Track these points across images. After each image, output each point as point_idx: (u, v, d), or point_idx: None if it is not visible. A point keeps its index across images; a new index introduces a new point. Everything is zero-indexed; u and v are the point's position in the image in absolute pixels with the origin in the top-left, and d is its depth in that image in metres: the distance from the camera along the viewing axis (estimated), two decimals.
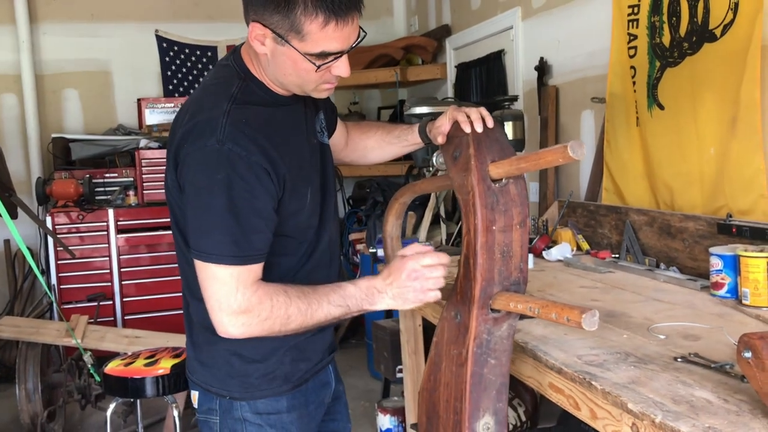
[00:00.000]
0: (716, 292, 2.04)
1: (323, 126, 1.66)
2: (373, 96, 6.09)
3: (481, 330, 1.44)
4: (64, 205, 4.72)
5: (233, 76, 1.48)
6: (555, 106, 3.54)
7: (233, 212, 1.35)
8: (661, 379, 1.40)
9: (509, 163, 1.42)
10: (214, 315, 1.39)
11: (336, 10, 1.33)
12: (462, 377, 1.44)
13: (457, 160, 1.50)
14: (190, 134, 1.40)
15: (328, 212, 1.61)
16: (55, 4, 5.30)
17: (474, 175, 1.43)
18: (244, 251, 1.37)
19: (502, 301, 1.42)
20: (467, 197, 1.44)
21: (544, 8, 3.65)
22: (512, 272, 1.46)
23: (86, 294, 4.60)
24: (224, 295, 1.37)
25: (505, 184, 1.45)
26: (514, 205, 1.45)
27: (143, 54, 5.46)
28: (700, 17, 2.46)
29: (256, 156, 1.37)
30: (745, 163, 2.29)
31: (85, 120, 5.41)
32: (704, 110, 2.46)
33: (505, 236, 1.44)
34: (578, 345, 1.65)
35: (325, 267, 1.61)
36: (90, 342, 3.52)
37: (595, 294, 2.16)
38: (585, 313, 1.24)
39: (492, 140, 1.49)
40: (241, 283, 1.37)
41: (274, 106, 1.49)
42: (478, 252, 1.41)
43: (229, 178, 1.35)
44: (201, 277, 1.40)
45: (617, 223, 2.78)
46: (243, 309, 1.37)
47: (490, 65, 4.35)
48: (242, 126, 1.38)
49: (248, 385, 1.53)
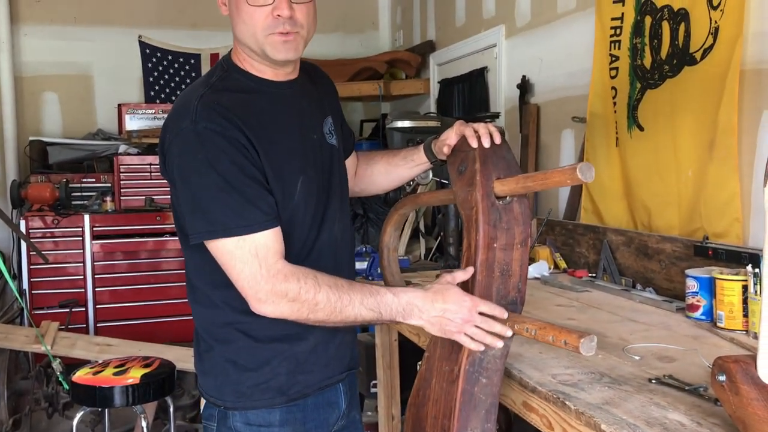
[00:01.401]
0: (692, 314, 2.04)
1: (332, 129, 1.64)
2: (356, 108, 6.09)
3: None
4: (40, 209, 4.66)
5: (216, 69, 1.52)
6: (536, 124, 3.55)
7: (226, 186, 1.35)
8: (635, 400, 1.39)
9: (515, 181, 1.41)
10: (245, 295, 1.38)
11: None
12: (452, 394, 1.42)
13: (462, 175, 1.48)
14: (168, 124, 1.43)
15: (332, 213, 1.57)
16: (38, 6, 5.25)
17: (478, 190, 1.41)
18: (250, 220, 1.36)
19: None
20: (470, 213, 1.43)
21: (528, 27, 3.67)
22: (510, 291, 1.44)
23: (59, 300, 4.53)
24: (249, 275, 1.36)
25: (509, 202, 1.44)
26: (517, 224, 1.44)
27: (125, 59, 5.42)
28: (681, 41, 2.49)
29: (231, 131, 1.38)
30: (721, 187, 2.31)
31: (65, 124, 5.35)
32: (683, 133, 2.48)
33: (506, 254, 1.42)
34: (553, 364, 1.64)
35: (327, 271, 1.50)
36: (60, 349, 3.46)
37: (572, 313, 2.16)
38: (583, 338, 1.22)
39: (499, 157, 1.47)
40: (261, 258, 1.36)
41: (258, 92, 1.49)
42: (477, 268, 1.40)
43: (210, 154, 1.36)
44: (220, 260, 1.38)
45: (595, 242, 2.79)
46: (270, 287, 1.35)
47: (473, 82, 4.36)
48: (214, 105, 1.40)
49: (240, 394, 1.50)
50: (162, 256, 4.77)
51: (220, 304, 1.47)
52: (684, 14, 2.47)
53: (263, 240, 1.37)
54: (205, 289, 1.49)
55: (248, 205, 1.36)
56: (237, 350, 1.47)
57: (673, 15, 2.52)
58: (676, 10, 2.51)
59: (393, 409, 2.87)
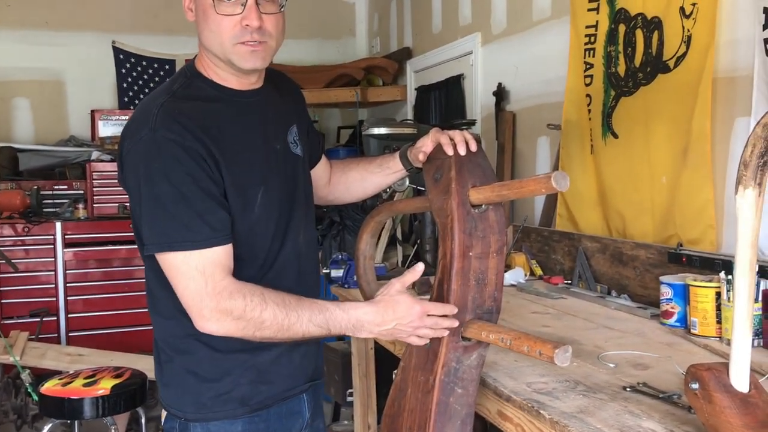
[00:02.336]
0: (666, 321, 2.05)
1: (297, 139, 1.62)
2: (333, 115, 6.08)
3: (451, 358, 1.41)
4: (10, 217, 4.57)
5: (179, 76, 1.50)
6: (512, 132, 3.56)
7: (178, 197, 1.32)
8: (610, 408, 1.38)
9: (491, 189, 1.40)
10: (189, 311, 1.35)
11: None
12: (427, 405, 1.41)
13: (437, 182, 1.47)
14: (126, 131, 1.41)
15: (296, 224, 1.55)
16: (8, 10, 5.17)
17: (454, 198, 1.40)
18: (200, 235, 1.33)
19: (474, 330, 1.39)
20: (445, 221, 1.41)
21: (504, 35, 3.68)
22: (486, 300, 1.43)
23: (29, 309, 4.44)
24: (194, 291, 1.33)
25: (485, 210, 1.43)
26: (492, 232, 1.43)
27: (99, 65, 5.35)
28: (654, 48, 2.50)
29: (190, 141, 1.35)
30: (695, 194, 2.32)
31: (36, 130, 5.27)
32: (657, 140, 2.50)
33: (481, 263, 1.41)
34: (528, 372, 1.63)
35: (291, 281, 1.52)
36: (29, 359, 3.40)
37: (547, 320, 2.15)
38: (557, 349, 1.21)
39: (474, 165, 1.47)
40: (208, 275, 1.33)
41: (219, 101, 1.47)
42: (452, 277, 1.38)
43: (166, 163, 1.33)
44: (168, 274, 1.36)
45: (570, 249, 2.79)
46: (214, 304, 1.33)
47: (450, 89, 4.37)
48: (175, 114, 1.37)
49: (201, 405, 1.47)
50: (136, 264, 4.68)
51: (180, 315, 1.43)
52: (657, 23, 2.49)
53: (211, 256, 1.34)
54: (166, 299, 1.46)
55: (198, 219, 1.34)
56: (198, 361, 1.45)
57: (646, 23, 2.54)
58: (649, 19, 2.53)
59: (369, 417, 2.85)
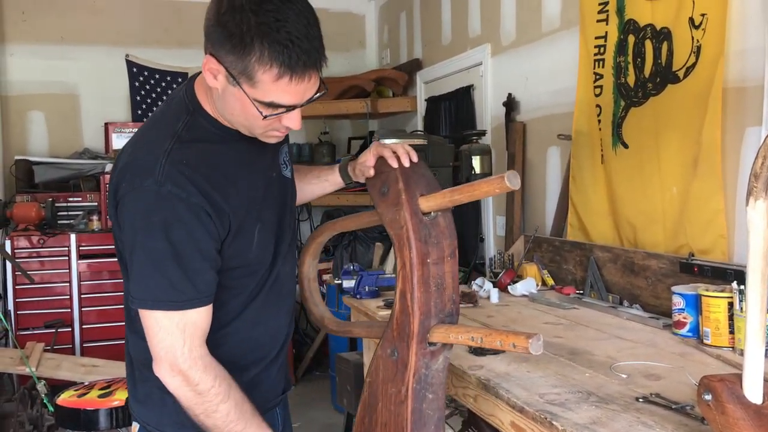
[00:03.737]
0: (678, 331, 2.05)
1: (287, 159, 1.62)
2: (343, 126, 6.11)
3: (420, 365, 1.42)
4: (25, 229, 4.62)
5: (181, 111, 1.42)
6: (522, 142, 3.57)
7: (173, 256, 1.30)
8: (622, 419, 1.39)
9: (442, 196, 1.43)
10: (156, 359, 1.34)
11: (293, 66, 1.26)
12: (402, 415, 1.42)
13: (385, 196, 1.50)
14: (128, 172, 1.35)
15: (283, 247, 1.56)
16: (24, 26, 5.24)
17: (406, 209, 1.43)
18: (185, 296, 1.32)
19: (440, 334, 1.41)
20: (400, 232, 1.44)
21: (513, 45, 3.70)
22: (446, 304, 1.46)
23: (44, 320, 4.48)
24: (169, 346, 1.32)
25: (435, 217, 1.46)
26: (444, 237, 1.47)
27: (112, 78, 5.41)
28: (664, 59, 2.52)
29: (196, 197, 1.32)
30: (706, 204, 2.33)
31: (51, 143, 5.33)
32: (667, 150, 2.50)
33: (438, 268, 1.44)
34: (540, 383, 1.63)
35: (273, 306, 1.54)
36: (45, 370, 3.42)
37: (559, 330, 2.16)
38: (531, 338, 1.24)
39: (419, 175, 1.50)
40: (188, 336, 1.33)
41: (224, 142, 1.43)
42: (415, 286, 1.41)
43: (167, 220, 1.30)
44: (145, 326, 1.35)
45: (582, 259, 2.80)
46: (186, 367, 1.33)
47: (460, 100, 4.39)
48: (182, 167, 1.32)
49: (180, 424, 1.45)
50: None
51: None
52: (667, 33, 2.50)
53: (193, 317, 1.34)
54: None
55: (186, 280, 1.31)
56: None
57: (656, 34, 2.55)
58: (658, 29, 2.54)
59: None
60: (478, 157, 3.32)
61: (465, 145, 3.36)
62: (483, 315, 2.42)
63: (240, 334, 1.50)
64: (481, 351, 1.89)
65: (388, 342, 1.47)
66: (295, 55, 1.25)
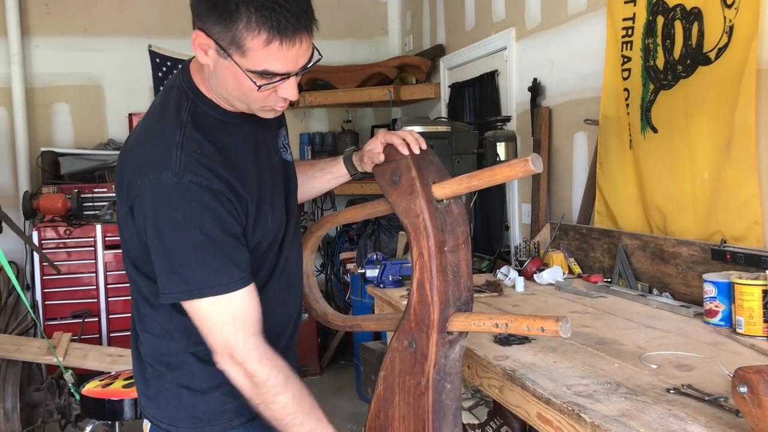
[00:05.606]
0: (710, 320, 2.00)
1: (286, 143, 1.58)
2: (366, 114, 6.07)
3: (440, 355, 1.40)
4: (52, 220, 4.66)
5: (181, 98, 1.38)
6: (548, 128, 3.51)
7: (209, 245, 1.27)
8: (653, 411, 1.35)
9: (458, 182, 1.41)
10: (217, 358, 1.33)
11: (281, 30, 1.21)
12: (423, 407, 1.40)
13: (397, 184, 1.47)
14: (141, 167, 1.31)
15: (290, 232, 1.52)
16: (48, 18, 5.27)
17: (421, 197, 1.41)
18: (232, 277, 1.30)
19: (460, 322, 1.39)
20: (416, 220, 1.41)
21: (538, 29, 3.63)
22: (462, 292, 1.44)
23: (71, 310, 4.53)
24: (224, 338, 1.31)
25: (447, 205, 1.44)
26: (458, 224, 1.45)
27: (135, 68, 5.42)
28: (694, 40, 2.44)
29: (217, 184, 1.29)
30: (739, 189, 2.26)
31: (76, 134, 5.37)
32: (698, 134, 2.43)
33: (454, 256, 1.42)
34: (567, 374, 1.60)
35: (282, 292, 1.51)
36: (72, 360, 3.45)
37: (587, 320, 2.12)
38: (560, 321, 1.22)
39: (428, 162, 1.48)
40: (240, 326, 1.30)
41: (226, 127, 1.40)
42: (434, 274, 1.38)
43: (194, 210, 1.26)
44: (196, 321, 1.32)
45: (609, 246, 2.74)
46: (242, 358, 1.31)
47: (484, 85, 4.33)
48: (197, 156, 1.29)
49: (196, 419, 1.43)
50: None
51: (175, 332, 1.41)
52: (697, 13, 2.42)
53: (240, 303, 1.31)
54: (156, 318, 1.43)
55: (229, 263, 1.30)
56: (190, 375, 1.41)
57: (685, 14, 2.48)
58: (688, 10, 2.46)
59: None
60: (503, 144, 3.27)
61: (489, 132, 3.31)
62: (508, 304, 2.39)
63: None
64: (507, 341, 1.86)
65: (404, 333, 1.44)
66: (283, 18, 1.21)
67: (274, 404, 1.33)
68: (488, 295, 2.54)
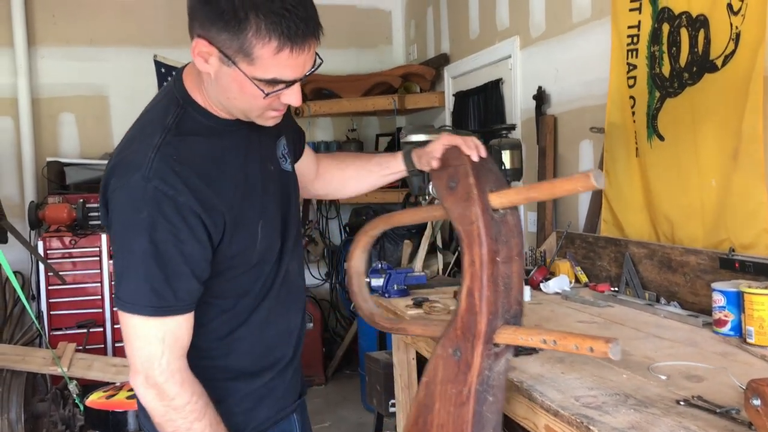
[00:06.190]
0: (719, 330, 1.97)
1: (285, 152, 1.54)
2: (371, 123, 6.07)
3: (484, 366, 1.38)
4: (57, 230, 4.66)
5: (171, 104, 1.35)
6: (553, 136, 3.49)
7: (155, 256, 1.24)
8: (663, 424, 1.32)
9: (516, 193, 1.39)
10: (133, 368, 1.30)
11: (292, 37, 1.19)
12: (463, 417, 1.38)
13: (453, 190, 1.45)
14: (117, 168, 1.30)
15: (289, 244, 1.50)
16: (54, 29, 5.29)
17: (477, 205, 1.39)
18: (164, 301, 1.25)
19: (507, 335, 1.37)
20: (470, 228, 1.39)
21: (543, 37, 3.62)
22: (513, 305, 1.41)
23: (76, 320, 4.52)
24: (147, 356, 1.27)
25: (504, 215, 1.41)
26: (513, 235, 1.42)
27: (141, 78, 5.41)
28: (700, 47, 2.43)
29: (185, 197, 1.25)
30: (748, 196, 2.24)
31: (81, 144, 5.38)
32: (705, 141, 2.42)
33: (506, 268, 1.40)
34: (575, 385, 1.57)
35: (283, 306, 1.48)
36: (76, 370, 3.44)
37: (594, 329, 2.09)
38: (611, 343, 1.19)
39: (486, 170, 1.45)
40: (167, 346, 1.27)
41: (217, 134, 1.37)
42: (484, 284, 1.36)
43: (152, 217, 1.23)
44: (123, 330, 1.29)
45: (616, 255, 2.72)
46: (162, 380, 1.27)
47: (488, 94, 4.32)
48: (172, 162, 1.26)
49: None
50: None
51: None
52: (703, 20, 2.41)
53: (172, 326, 1.27)
54: None
55: (165, 285, 1.25)
56: None
57: (691, 22, 2.47)
58: (694, 17, 2.45)
59: None
60: (508, 152, 3.25)
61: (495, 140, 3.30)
62: None
63: (250, 338, 1.45)
64: (515, 351, 1.84)
65: (450, 341, 1.42)
66: (293, 24, 1.19)
67: (190, 431, 1.30)
68: None
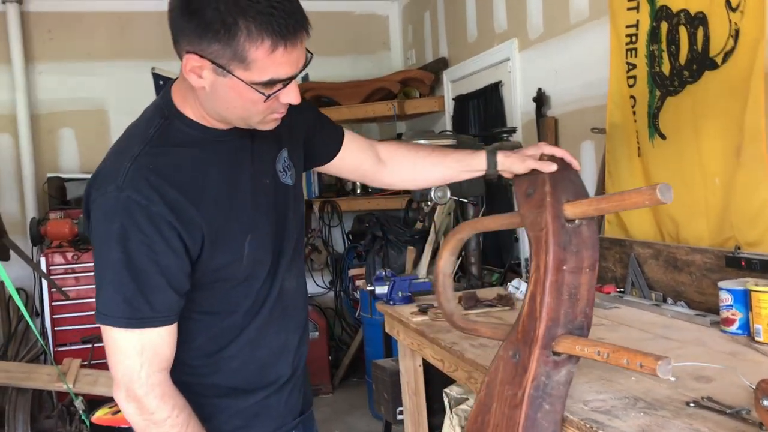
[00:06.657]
0: (727, 329, 1.95)
1: (287, 165, 1.50)
2: (371, 130, 6.06)
3: (540, 372, 1.38)
4: (59, 246, 4.65)
5: (155, 116, 1.34)
6: (554, 138, 3.48)
7: (127, 266, 1.22)
8: (673, 426, 1.31)
9: (588, 203, 1.40)
10: (114, 388, 1.28)
11: (284, 33, 1.18)
12: (515, 419, 1.38)
13: (530, 197, 1.48)
14: (96, 179, 1.29)
15: (285, 261, 1.46)
16: (51, 44, 5.30)
17: (548, 212, 1.40)
18: (139, 312, 1.23)
19: (566, 344, 1.36)
20: (539, 234, 1.41)
21: (541, 39, 3.61)
22: (577, 316, 1.41)
23: (81, 336, 4.50)
24: (125, 369, 1.25)
25: (578, 225, 1.42)
26: (586, 247, 1.42)
27: (139, 92, 5.37)
28: (700, 45, 2.41)
29: (158, 207, 1.23)
30: (752, 193, 2.22)
31: (81, 159, 5.37)
32: (707, 139, 2.40)
33: (574, 278, 1.40)
34: (584, 389, 1.56)
35: (276, 324, 1.45)
36: (82, 386, 3.42)
37: (602, 332, 2.08)
38: (660, 360, 1.17)
39: (567, 180, 1.48)
40: (146, 359, 1.25)
41: (205, 146, 1.34)
42: (546, 290, 1.37)
43: (124, 228, 1.22)
44: (104, 342, 1.27)
45: (621, 256, 2.70)
46: (142, 393, 1.26)
47: (488, 97, 4.31)
48: (147, 172, 1.24)
49: None
50: None
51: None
52: (702, 18, 2.40)
53: (151, 338, 1.25)
54: None
55: (139, 296, 1.23)
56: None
57: (690, 19, 2.45)
58: (693, 15, 2.44)
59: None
60: None
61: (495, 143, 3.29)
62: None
63: (241, 356, 1.42)
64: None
65: (511, 344, 1.43)
66: (282, 20, 1.18)
67: None
68: (500, 309, 2.51)
